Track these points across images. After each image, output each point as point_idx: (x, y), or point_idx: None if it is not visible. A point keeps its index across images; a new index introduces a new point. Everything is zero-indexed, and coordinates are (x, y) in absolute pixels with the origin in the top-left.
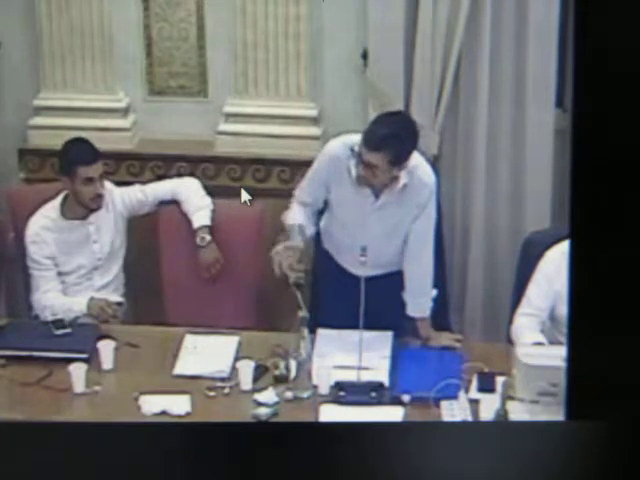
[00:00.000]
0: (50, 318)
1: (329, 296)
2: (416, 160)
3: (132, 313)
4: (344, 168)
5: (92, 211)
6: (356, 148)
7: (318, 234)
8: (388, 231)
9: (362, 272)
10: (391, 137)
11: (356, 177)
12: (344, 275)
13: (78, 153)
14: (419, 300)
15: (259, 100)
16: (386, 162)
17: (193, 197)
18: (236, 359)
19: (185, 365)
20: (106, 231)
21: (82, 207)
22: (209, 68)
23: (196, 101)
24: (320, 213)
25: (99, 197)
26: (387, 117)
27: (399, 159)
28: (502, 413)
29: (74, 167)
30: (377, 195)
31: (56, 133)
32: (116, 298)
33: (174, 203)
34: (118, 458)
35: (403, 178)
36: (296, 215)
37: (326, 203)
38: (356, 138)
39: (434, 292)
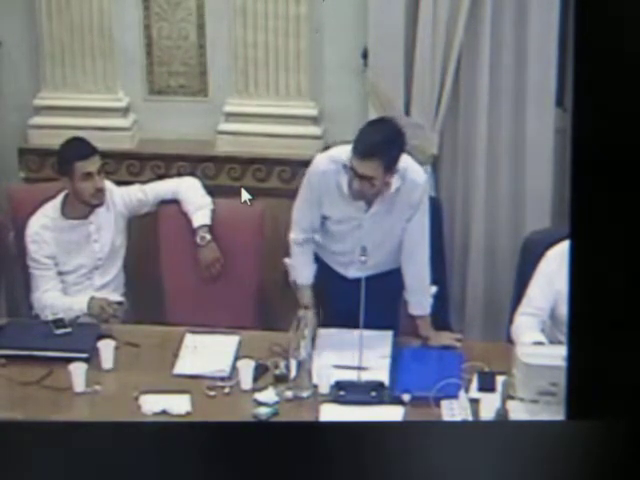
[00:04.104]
0: (50, 317)
1: (322, 299)
2: (406, 162)
3: (132, 313)
4: (334, 182)
5: (95, 207)
6: (348, 164)
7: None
8: (383, 235)
9: (355, 274)
10: (382, 143)
11: (350, 193)
12: (338, 278)
13: (73, 150)
14: (419, 298)
15: (259, 99)
16: (381, 169)
17: (193, 196)
18: (236, 359)
19: (185, 364)
20: (106, 231)
21: (84, 205)
22: (209, 68)
23: (196, 101)
24: None
25: (100, 192)
26: (372, 125)
27: (392, 163)
28: (502, 412)
29: (71, 164)
30: (369, 204)
31: (56, 132)
32: (116, 298)
33: (174, 203)
34: (118, 458)
35: (395, 183)
36: (304, 271)
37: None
38: (343, 151)
39: (433, 289)
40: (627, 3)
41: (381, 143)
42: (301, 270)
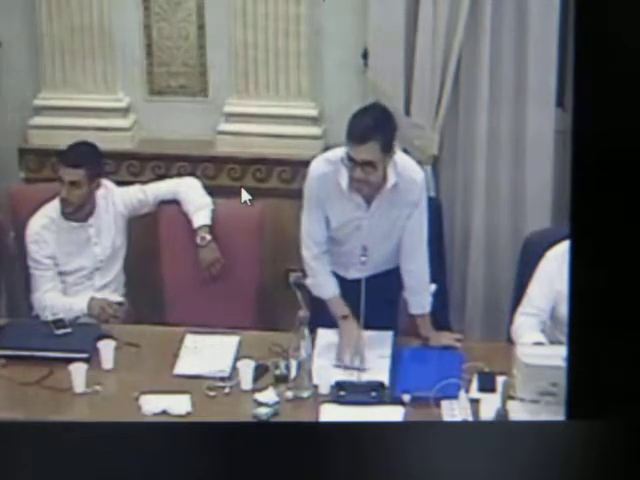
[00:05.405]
0: (50, 318)
1: (323, 299)
2: (403, 160)
3: (132, 313)
4: (333, 183)
5: (90, 213)
6: (344, 155)
7: None
8: (383, 233)
9: (354, 275)
10: (375, 124)
11: (351, 183)
12: (338, 279)
13: (64, 151)
14: (418, 297)
15: (259, 100)
16: (378, 151)
17: (193, 197)
18: (236, 359)
19: (185, 365)
20: (106, 233)
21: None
22: (209, 68)
23: (196, 101)
24: None
25: (64, 201)
26: (361, 111)
27: (389, 144)
28: (502, 413)
29: (58, 165)
30: (369, 202)
31: (56, 133)
32: (116, 298)
33: (174, 203)
34: (118, 458)
35: (392, 178)
36: (328, 284)
37: None
38: (337, 152)
39: (432, 287)
40: (627, 4)
41: (374, 125)
42: (325, 283)
